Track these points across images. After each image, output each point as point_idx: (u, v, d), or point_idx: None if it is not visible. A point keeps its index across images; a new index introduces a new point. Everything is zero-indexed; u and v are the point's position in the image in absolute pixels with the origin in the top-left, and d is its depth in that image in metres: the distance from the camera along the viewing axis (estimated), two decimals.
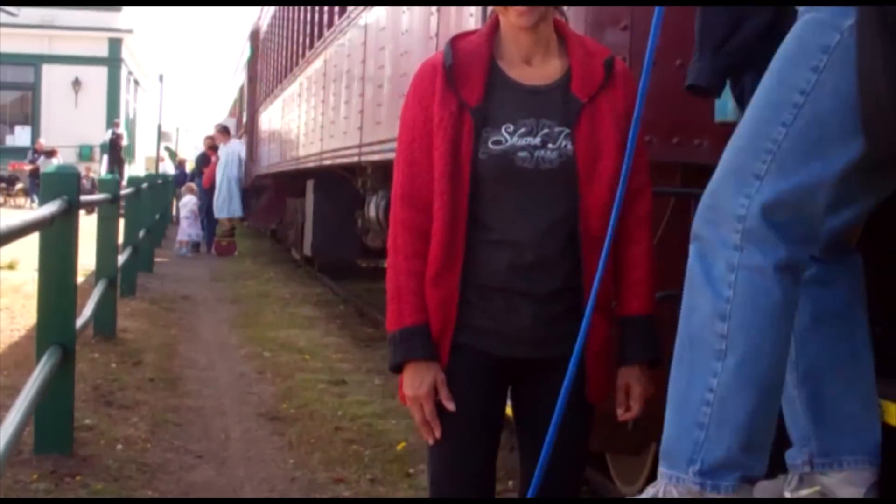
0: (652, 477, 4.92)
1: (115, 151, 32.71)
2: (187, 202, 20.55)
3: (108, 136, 32.98)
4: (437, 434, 2.93)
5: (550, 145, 2.85)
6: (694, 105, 3.81)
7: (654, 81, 3.87)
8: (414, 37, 6.79)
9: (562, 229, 2.87)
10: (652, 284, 3.03)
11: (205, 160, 22.06)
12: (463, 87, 2.87)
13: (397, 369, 2.94)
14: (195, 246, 20.46)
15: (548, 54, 2.95)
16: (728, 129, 3.64)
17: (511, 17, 2.87)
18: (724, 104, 3.49)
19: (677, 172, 4.12)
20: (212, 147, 21.88)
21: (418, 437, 6.56)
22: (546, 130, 2.86)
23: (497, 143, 2.85)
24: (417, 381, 2.90)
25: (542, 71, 2.93)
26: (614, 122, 2.90)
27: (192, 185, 20.78)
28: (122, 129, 34.02)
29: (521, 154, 2.84)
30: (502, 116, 2.88)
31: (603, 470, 5.52)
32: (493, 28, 2.97)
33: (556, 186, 2.86)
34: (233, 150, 21.05)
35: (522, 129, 2.86)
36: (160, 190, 19.57)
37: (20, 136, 35.52)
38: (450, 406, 2.90)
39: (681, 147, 3.91)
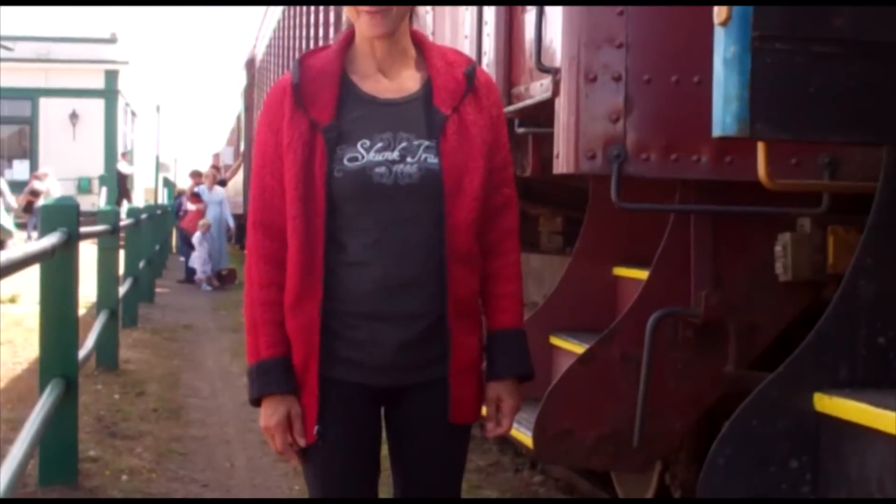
0: (658, 494, 4.92)
1: (120, 184, 32.89)
2: (203, 240, 19.75)
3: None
4: (295, 462, 2.93)
5: (409, 159, 2.75)
6: (691, 120, 3.82)
7: (651, 98, 3.92)
8: None
9: (427, 246, 2.76)
10: (520, 298, 2.96)
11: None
12: (313, 105, 2.77)
13: (256, 403, 2.86)
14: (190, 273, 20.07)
15: (405, 66, 2.86)
16: (727, 143, 3.66)
17: (363, 26, 2.77)
18: (723, 117, 3.48)
19: (676, 189, 4.12)
20: (195, 194, 21.25)
21: None
22: (404, 144, 2.76)
23: (353, 159, 2.74)
24: (269, 413, 2.82)
25: (399, 84, 2.84)
26: (479, 135, 2.82)
27: (209, 222, 19.95)
28: (119, 161, 34.09)
29: (379, 170, 2.73)
30: (357, 132, 2.77)
31: (609, 488, 5.51)
32: (346, 43, 2.87)
33: (419, 202, 2.76)
34: (222, 201, 20.71)
35: (379, 144, 2.75)
36: (160, 220, 19.56)
37: (18, 171, 35.47)
38: (300, 442, 2.84)
39: (679, 163, 3.91)
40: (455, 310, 2.80)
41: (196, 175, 22.78)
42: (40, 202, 26.79)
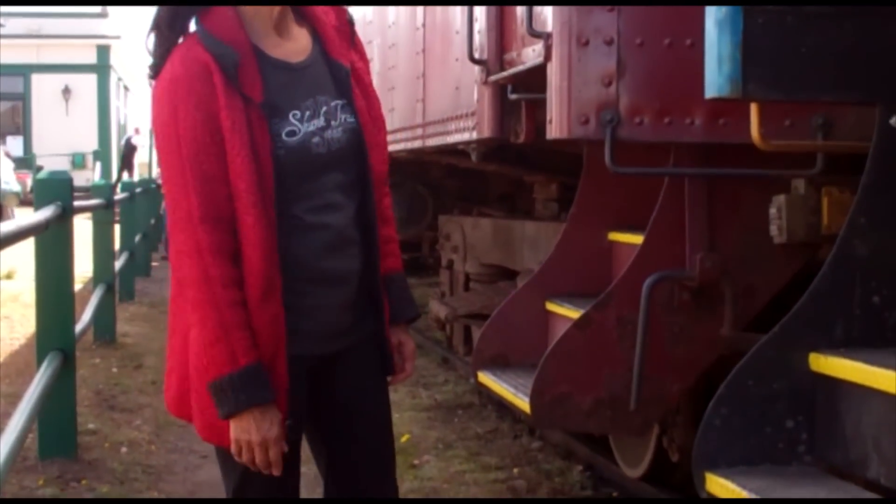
0: (656, 458, 4.94)
1: (128, 156, 33.31)
2: None
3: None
4: (278, 472, 2.64)
5: (334, 123, 2.67)
6: (684, 83, 3.82)
7: (644, 62, 3.91)
8: (401, 29, 6.80)
9: (356, 204, 2.71)
10: (397, 240, 2.94)
11: None
12: (242, 81, 2.57)
13: (230, 416, 2.58)
14: None
15: (292, 23, 2.72)
16: (721, 105, 3.65)
17: None
18: (716, 78, 3.48)
19: (670, 152, 4.12)
20: None
21: (422, 429, 6.59)
22: (325, 108, 2.67)
23: (291, 134, 2.62)
24: (266, 424, 2.58)
25: (296, 43, 2.71)
26: (371, 82, 2.78)
27: None
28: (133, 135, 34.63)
29: (315, 140, 2.64)
30: (285, 104, 2.63)
31: (607, 452, 5.53)
32: (235, 7, 2.66)
33: (348, 163, 2.69)
34: None
35: (308, 113, 2.65)
36: (155, 194, 19.54)
37: (13, 147, 35.42)
38: (284, 447, 2.63)
39: (672, 127, 3.91)
40: (378, 263, 2.80)
41: None
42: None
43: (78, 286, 6.58)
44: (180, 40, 2.67)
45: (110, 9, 37.66)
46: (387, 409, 2.91)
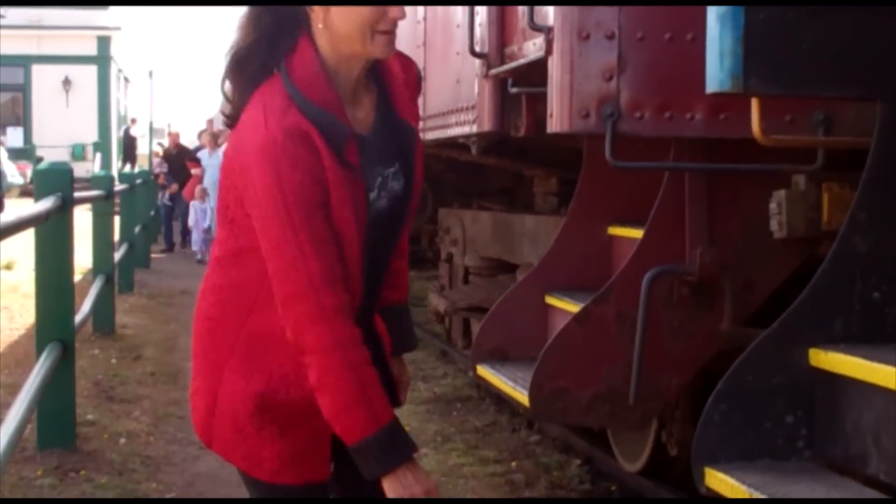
0: (655, 452, 4.94)
1: (129, 147, 33.38)
2: (204, 208, 17.91)
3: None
4: None
5: (383, 193, 2.62)
6: (685, 78, 3.81)
7: (645, 56, 3.91)
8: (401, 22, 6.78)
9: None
10: (408, 273, 2.95)
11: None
12: (342, 147, 2.51)
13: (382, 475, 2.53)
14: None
15: (363, 86, 2.63)
16: (721, 100, 3.65)
17: (378, 48, 2.54)
18: (717, 73, 3.47)
19: (670, 147, 4.12)
20: (191, 158, 19.40)
21: (420, 422, 6.59)
22: (379, 179, 2.61)
23: None
24: (422, 475, 2.53)
25: (363, 112, 2.62)
26: (418, 132, 2.73)
27: (206, 187, 18.81)
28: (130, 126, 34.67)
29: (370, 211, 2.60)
30: None
31: (605, 447, 5.53)
32: (322, 66, 2.54)
33: (384, 226, 2.65)
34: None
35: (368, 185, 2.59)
36: (154, 186, 19.52)
37: (13, 138, 35.43)
38: None
39: (673, 121, 3.91)
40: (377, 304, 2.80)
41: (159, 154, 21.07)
42: None
43: (77, 277, 6.58)
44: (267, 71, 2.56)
45: None
46: None
